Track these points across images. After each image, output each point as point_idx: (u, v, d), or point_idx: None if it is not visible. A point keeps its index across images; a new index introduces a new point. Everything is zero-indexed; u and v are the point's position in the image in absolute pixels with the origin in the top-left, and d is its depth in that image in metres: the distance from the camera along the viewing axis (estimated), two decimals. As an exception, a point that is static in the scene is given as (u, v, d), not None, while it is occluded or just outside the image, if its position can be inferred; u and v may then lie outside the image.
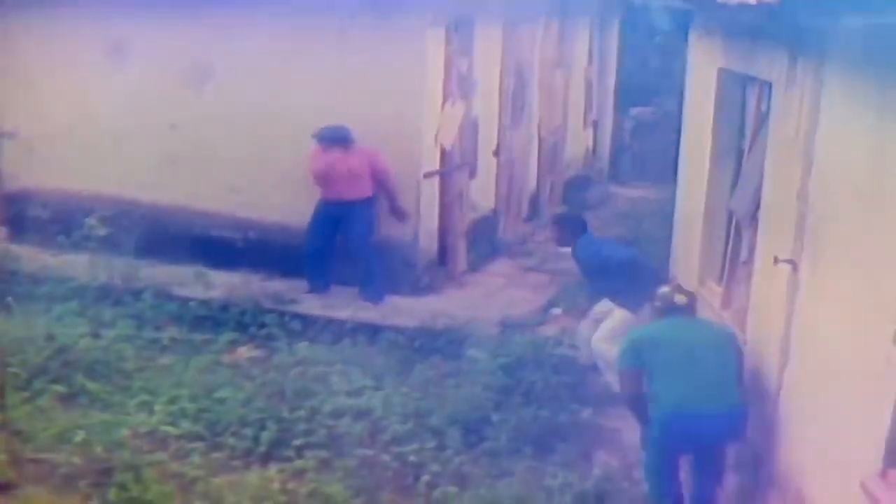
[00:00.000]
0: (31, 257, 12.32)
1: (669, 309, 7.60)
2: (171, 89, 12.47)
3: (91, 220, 12.07)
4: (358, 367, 9.95)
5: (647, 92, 19.02)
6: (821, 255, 6.17)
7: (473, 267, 12.84)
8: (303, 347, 10.40)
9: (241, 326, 10.99)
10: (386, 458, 8.21)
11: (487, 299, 11.89)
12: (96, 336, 10.44)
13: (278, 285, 11.74)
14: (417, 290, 11.78)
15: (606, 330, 9.50)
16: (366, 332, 10.78)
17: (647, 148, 18.19)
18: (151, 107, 12.54)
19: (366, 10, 11.53)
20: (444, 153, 12.22)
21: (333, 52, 11.76)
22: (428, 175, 11.92)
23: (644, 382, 7.31)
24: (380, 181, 11.63)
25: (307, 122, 11.67)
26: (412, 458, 8.19)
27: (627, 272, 9.49)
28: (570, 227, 10.00)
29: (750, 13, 6.27)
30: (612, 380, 9.10)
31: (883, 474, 5.07)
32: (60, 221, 12.67)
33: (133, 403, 9.13)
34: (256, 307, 11.23)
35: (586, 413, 8.94)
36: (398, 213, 11.73)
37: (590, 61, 17.04)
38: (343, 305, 11.41)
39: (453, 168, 12.35)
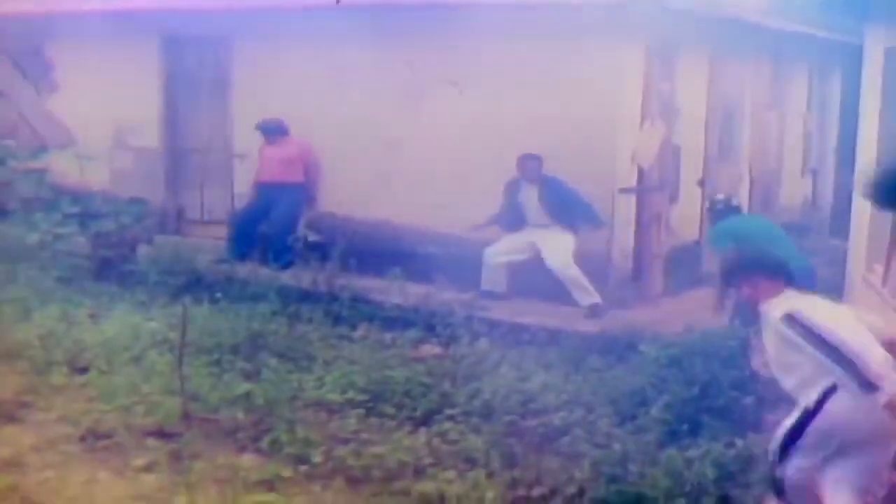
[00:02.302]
0: (247, 267, 12.49)
1: (730, 209, 10.03)
2: (388, 110, 12.57)
3: (301, 228, 12.26)
4: (531, 360, 9.61)
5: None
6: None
7: (671, 291, 12.25)
8: (483, 343, 10.13)
9: (429, 327, 10.78)
10: (532, 423, 7.87)
11: (676, 317, 11.27)
12: (290, 327, 10.50)
13: (472, 297, 11.47)
14: (611, 303, 11.30)
15: (568, 255, 11.25)
16: (548, 335, 10.42)
17: (873, 204, 17.15)
18: (370, 126, 12.67)
19: (567, 30, 11.35)
20: (641, 172, 11.81)
21: (535, 71, 11.65)
22: (624, 191, 11.54)
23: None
24: (307, 169, 13.07)
25: (509, 139, 11.59)
26: (556, 422, 7.81)
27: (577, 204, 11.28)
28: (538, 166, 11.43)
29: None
30: (582, 296, 11.19)
31: None
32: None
33: (309, 379, 9.05)
34: (446, 311, 11.00)
35: (747, 400, 8.28)
36: (309, 200, 13.16)
37: (808, 108, 16.28)
38: (528, 312, 11.09)
39: (651, 188, 11.90)
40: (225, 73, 13.95)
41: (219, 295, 11.33)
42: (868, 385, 5.41)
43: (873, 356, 5.44)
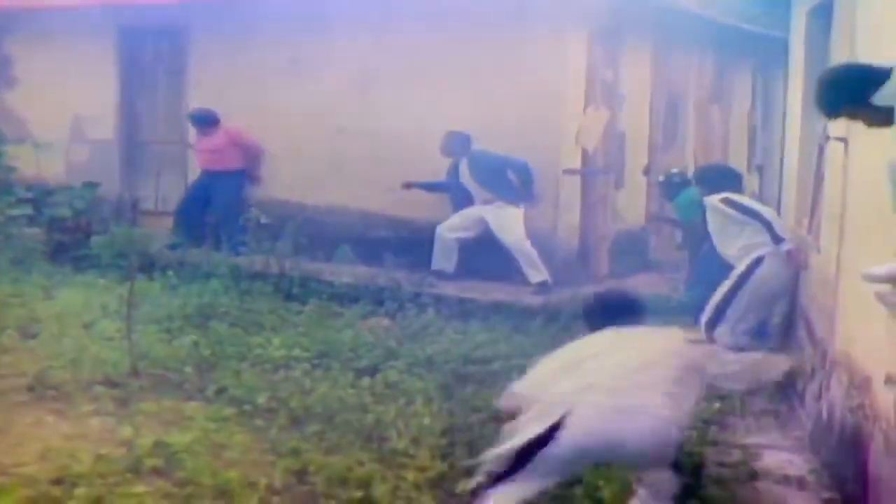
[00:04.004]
0: (199, 251, 12.61)
1: (686, 181, 10.86)
2: (339, 98, 12.72)
3: (254, 210, 12.38)
4: (477, 327, 9.78)
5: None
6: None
7: (617, 275, 12.41)
8: (430, 313, 10.28)
9: (378, 302, 10.90)
10: (472, 369, 8.01)
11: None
12: (240, 300, 10.60)
13: (421, 276, 11.61)
14: (556, 283, 11.42)
15: (521, 230, 11.33)
16: (493, 306, 10.58)
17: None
18: (321, 114, 12.81)
19: (512, 16, 11.58)
20: (585, 155, 12.02)
21: (480, 56, 11.85)
22: (568, 172, 11.73)
23: None
24: (245, 153, 13.29)
25: (456, 123, 11.73)
26: (496, 367, 7.97)
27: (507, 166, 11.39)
28: (459, 143, 11.60)
29: None
30: (532, 273, 11.30)
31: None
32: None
33: (256, 340, 9.15)
34: (395, 287, 11.14)
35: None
36: (253, 179, 13.39)
37: (753, 105, 16.57)
38: (475, 289, 11.27)
39: (595, 170, 12.11)
40: (180, 65, 14.09)
41: (170, 273, 11.43)
42: (777, 238, 8.37)
43: (782, 222, 8.59)
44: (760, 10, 14.23)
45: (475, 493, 5.85)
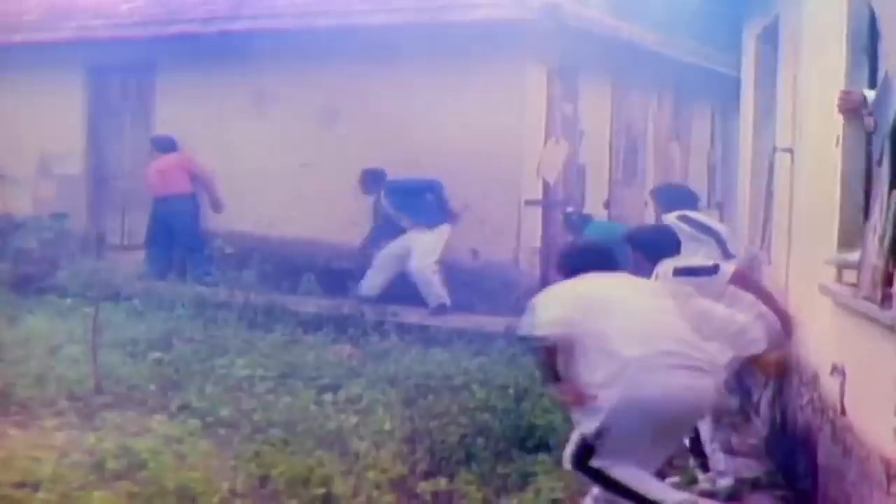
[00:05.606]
0: (164, 282, 12.69)
1: (583, 218, 11.47)
2: (303, 133, 12.85)
3: (218, 241, 12.45)
4: (439, 349, 9.87)
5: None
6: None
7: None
8: (393, 339, 10.35)
9: (341, 329, 10.95)
10: (433, 382, 8.13)
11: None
12: (205, 327, 10.64)
13: (385, 307, 11.66)
14: (517, 311, 11.49)
15: (432, 257, 11.55)
16: (456, 333, 10.65)
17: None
18: (286, 149, 12.92)
19: (471, 52, 11.75)
20: (546, 187, 12.19)
21: (442, 91, 12.02)
22: (530, 203, 11.91)
23: None
24: (195, 179, 13.33)
25: (419, 156, 11.86)
26: (457, 383, 8.06)
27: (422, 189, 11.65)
28: (373, 179, 11.93)
29: None
30: (431, 297, 11.55)
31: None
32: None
33: (220, 362, 9.20)
34: (358, 315, 11.21)
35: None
36: (215, 205, 13.30)
37: (712, 144, 16.84)
38: (437, 317, 11.37)
39: (556, 202, 12.27)
40: (147, 101, 14.20)
41: (136, 302, 11.47)
42: (727, 254, 8.20)
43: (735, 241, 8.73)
44: (719, 49, 14.47)
45: (437, 493, 5.98)
